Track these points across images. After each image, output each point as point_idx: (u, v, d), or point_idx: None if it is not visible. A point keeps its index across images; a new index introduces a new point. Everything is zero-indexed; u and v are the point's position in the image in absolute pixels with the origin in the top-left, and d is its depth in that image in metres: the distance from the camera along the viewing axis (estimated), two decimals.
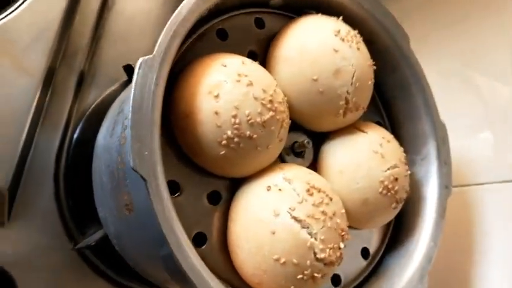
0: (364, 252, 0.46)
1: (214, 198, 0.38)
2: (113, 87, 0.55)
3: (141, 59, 0.32)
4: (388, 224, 0.48)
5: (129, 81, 0.52)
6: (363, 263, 0.45)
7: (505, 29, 0.55)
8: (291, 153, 0.43)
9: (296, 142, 0.43)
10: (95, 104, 0.54)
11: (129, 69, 0.51)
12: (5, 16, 0.48)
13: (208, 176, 0.38)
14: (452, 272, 0.53)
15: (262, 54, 0.43)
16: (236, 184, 0.39)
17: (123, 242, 0.43)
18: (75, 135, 0.52)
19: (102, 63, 0.55)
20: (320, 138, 0.45)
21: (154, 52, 0.32)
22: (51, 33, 0.49)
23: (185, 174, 0.37)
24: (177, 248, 0.30)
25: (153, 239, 0.34)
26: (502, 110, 0.55)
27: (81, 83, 0.53)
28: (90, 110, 0.53)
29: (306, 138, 0.43)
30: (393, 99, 0.50)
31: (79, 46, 0.53)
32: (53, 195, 0.48)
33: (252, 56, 0.42)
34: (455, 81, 0.59)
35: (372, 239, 0.47)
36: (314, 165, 0.44)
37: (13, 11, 0.48)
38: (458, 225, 0.53)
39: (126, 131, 0.36)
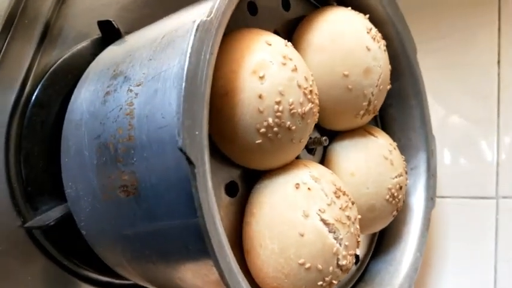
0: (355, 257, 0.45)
1: (232, 189, 0.34)
2: (83, 44, 0.47)
3: (198, 20, 0.26)
4: None
5: (105, 39, 0.46)
6: (353, 268, 0.44)
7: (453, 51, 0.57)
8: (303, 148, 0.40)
9: (310, 138, 0.40)
10: (61, 60, 0.46)
11: (105, 27, 0.45)
12: None
13: (226, 164, 0.34)
14: None
15: (284, 38, 0.40)
16: (251, 175, 0.35)
17: (99, 226, 0.36)
18: (35, 94, 0.43)
19: (72, 14, 0.47)
20: (329, 137, 0.43)
21: (211, 14, 0.27)
22: None
23: None
24: (219, 248, 0.26)
25: (162, 230, 0.30)
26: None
27: (46, 34, 0.45)
28: (54, 66, 0.45)
29: (317, 134, 0.41)
30: (389, 107, 0.50)
31: None
32: (3, 160, 0.40)
33: None
34: None
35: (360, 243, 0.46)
36: (322, 164, 0.42)
37: None
38: None
39: (135, 100, 0.31)
